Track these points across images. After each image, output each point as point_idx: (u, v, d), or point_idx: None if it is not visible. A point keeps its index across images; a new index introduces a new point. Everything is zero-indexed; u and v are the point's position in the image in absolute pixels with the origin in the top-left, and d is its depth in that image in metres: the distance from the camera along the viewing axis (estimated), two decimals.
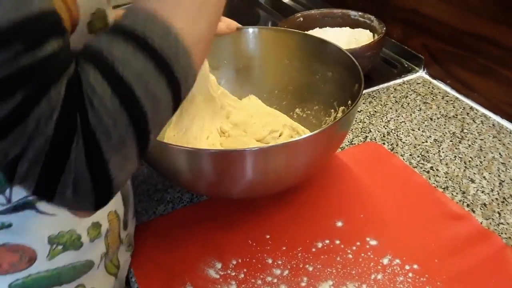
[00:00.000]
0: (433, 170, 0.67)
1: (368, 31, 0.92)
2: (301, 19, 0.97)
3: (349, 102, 0.64)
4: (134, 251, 0.56)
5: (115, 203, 0.48)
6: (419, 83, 0.87)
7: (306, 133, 0.68)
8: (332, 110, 0.69)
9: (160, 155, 0.54)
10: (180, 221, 0.61)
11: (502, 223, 0.58)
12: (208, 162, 0.53)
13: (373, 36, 0.90)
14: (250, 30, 0.74)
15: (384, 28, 0.87)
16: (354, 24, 0.94)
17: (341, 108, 0.67)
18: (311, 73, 0.73)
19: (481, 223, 0.58)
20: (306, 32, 0.86)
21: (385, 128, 0.76)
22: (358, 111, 0.81)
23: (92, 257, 0.46)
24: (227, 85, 0.77)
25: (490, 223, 0.58)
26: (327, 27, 0.95)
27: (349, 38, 0.90)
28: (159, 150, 0.53)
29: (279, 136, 0.66)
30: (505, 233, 0.57)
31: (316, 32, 0.94)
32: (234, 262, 0.55)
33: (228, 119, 0.66)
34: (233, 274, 0.54)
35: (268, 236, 0.59)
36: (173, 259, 0.56)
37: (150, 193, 0.66)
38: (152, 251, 0.58)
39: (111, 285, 0.51)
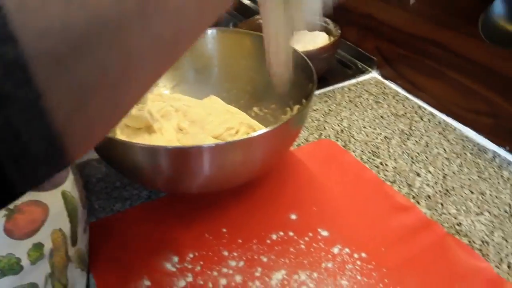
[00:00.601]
0: (382, 165, 0.71)
1: (324, 33, 0.95)
2: (261, 21, 0.99)
3: (304, 101, 0.67)
4: (90, 248, 0.57)
5: (60, 221, 0.46)
6: (371, 83, 0.91)
7: None
8: (288, 109, 0.72)
9: (117, 153, 0.55)
10: (137, 217, 0.62)
11: (444, 213, 0.62)
12: (165, 158, 0.54)
13: (329, 39, 0.93)
14: (209, 31, 0.76)
15: (339, 31, 0.91)
16: (311, 26, 0.97)
17: (296, 107, 0.70)
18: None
19: (425, 213, 0.62)
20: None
21: (339, 126, 0.80)
22: (313, 110, 0.84)
23: (35, 279, 0.43)
24: (186, 85, 0.78)
25: (433, 214, 0.62)
26: None
27: (306, 40, 0.93)
28: (116, 147, 0.54)
29: (236, 133, 0.68)
30: (447, 223, 0.61)
31: None
32: (191, 256, 0.57)
33: (185, 117, 0.68)
34: (190, 266, 0.55)
35: (224, 230, 0.60)
36: (130, 255, 0.57)
37: (108, 190, 0.66)
38: (109, 247, 0.59)
39: None
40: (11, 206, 0.40)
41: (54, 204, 0.45)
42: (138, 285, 0.53)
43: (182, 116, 0.68)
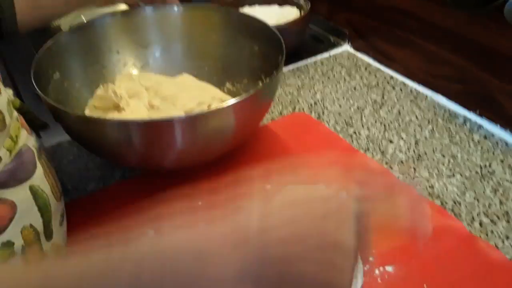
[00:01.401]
0: (355, 134, 0.71)
1: (295, 8, 0.95)
2: None
3: (275, 73, 0.66)
4: (66, 228, 0.56)
5: (30, 217, 0.44)
6: (344, 56, 0.92)
7: None
8: (260, 82, 0.72)
9: (88, 131, 0.54)
10: (112, 196, 0.62)
11: (416, 177, 0.63)
12: (136, 132, 0.53)
13: (300, 13, 0.93)
14: (176, 8, 0.75)
15: (309, 5, 0.91)
16: (282, 1, 0.97)
17: (268, 80, 0.69)
18: (239, 48, 0.75)
19: (398, 178, 0.63)
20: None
21: (312, 99, 0.80)
22: (287, 85, 0.84)
23: None
24: (156, 65, 0.78)
25: (406, 178, 0.63)
26: (256, 5, 0.97)
27: (277, 15, 0.93)
28: (87, 125, 0.53)
29: (208, 107, 0.67)
30: (419, 185, 0.62)
31: (246, 10, 0.96)
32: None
33: (156, 94, 0.67)
34: None
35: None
36: (105, 232, 0.57)
37: (81, 171, 0.65)
38: (84, 227, 0.58)
39: None
40: None
41: (22, 200, 0.43)
42: None
43: (153, 94, 0.67)
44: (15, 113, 0.46)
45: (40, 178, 0.46)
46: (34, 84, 0.55)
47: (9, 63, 0.93)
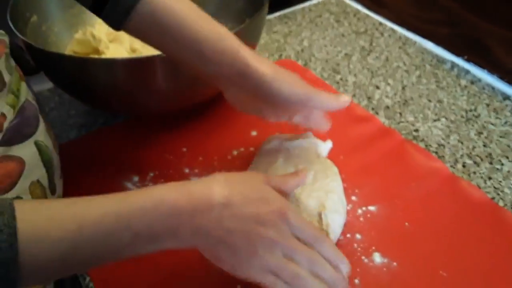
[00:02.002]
0: (342, 80, 0.71)
1: None
2: None
3: (258, 13, 0.64)
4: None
5: (37, 172, 0.44)
6: (332, 3, 0.89)
7: None
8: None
9: (71, 72, 0.53)
10: (95, 142, 0.61)
11: (402, 122, 0.63)
12: (121, 71, 0.52)
13: None
14: None
15: None
16: None
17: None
18: None
19: (383, 123, 0.62)
20: None
21: (299, 46, 0.78)
22: (274, 32, 0.82)
23: None
24: None
25: (392, 122, 0.63)
26: None
27: None
28: (72, 65, 0.52)
29: None
30: (405, 130, 0.62)
31: None
32: (151, 174, 0.56)
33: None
34: (150, 184, 0.55)
35: (184, 149, 0.60)
36: (90, 178, 0.57)
37: (63, 119, 0.64)
38: (69, 173, 0.57)
39: None
40: None
41: (28, 156, 0.42)
42: None
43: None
44: (13, 64, 0.45)
45: (43, 133, 0.45)
46: (12, 27, 0.53)
47: None
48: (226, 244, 0.36)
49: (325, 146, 0.54)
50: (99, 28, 0.64)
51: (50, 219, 0.32)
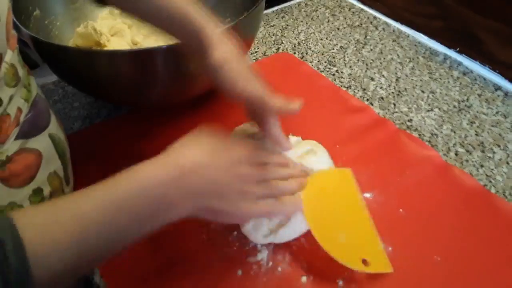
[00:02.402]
0: (338, 72, 0.72)
1: None
2: None
3: (256, 6, 0.66)
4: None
5: (53, 163, 0.46)
6: None
7: None
8: None
9: (77, 64, 0.54)
10: (99, 134, 0.63)
11: (396, 112, 0.65)
12: (124, 62, 0.53)
13: None
14: None
15: None
16: None
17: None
18: None
19: (378, 113, 0.64)
20: None
21: (296, 40, 0.80)
22: (271, 26, 0.83)
23: None
24: None
25: (386, 113, 0.65)
26: None
27: None
28: (77, 57, 0.53)
29: None
30: (399, 120, 0.64)
31: None
32: None
33: (139, 31, 0.67)
34: None
35: None
36: (93, 169, 0.58)
37: (66, 111, 0.66)
38: (72, 164, 0.59)
39: None
40: (2, 157, 0.39)
41: (45, 148, 0.44)
42: None
43: (136, 30, 0.66)
44: (20, 60, 0.46)
45: (55, 126, 0.47)
46: (16, 20, 0.54)
47: None
48: (216, 193, 0.39)
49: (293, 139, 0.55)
50: (101, 22, 0.65)
51: (52, 228, 0.32)
